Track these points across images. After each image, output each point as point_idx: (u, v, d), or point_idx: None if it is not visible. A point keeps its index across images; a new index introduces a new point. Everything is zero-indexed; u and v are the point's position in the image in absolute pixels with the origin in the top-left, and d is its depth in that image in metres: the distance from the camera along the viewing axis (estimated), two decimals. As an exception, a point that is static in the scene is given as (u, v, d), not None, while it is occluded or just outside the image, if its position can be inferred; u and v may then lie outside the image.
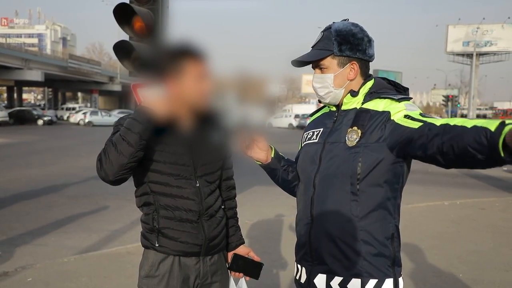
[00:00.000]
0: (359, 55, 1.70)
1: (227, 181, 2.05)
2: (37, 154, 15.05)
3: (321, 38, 1.73)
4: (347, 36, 1.68)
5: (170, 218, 1.81)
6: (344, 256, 1.65)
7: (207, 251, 1.87)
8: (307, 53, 1.76)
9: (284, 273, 4.25)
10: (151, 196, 1.83)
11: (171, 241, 1.81)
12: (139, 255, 1.93)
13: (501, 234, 5.81)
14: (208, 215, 1.87)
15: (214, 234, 1.88)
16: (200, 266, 1.87)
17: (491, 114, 77.39)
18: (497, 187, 9.83)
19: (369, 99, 1.69)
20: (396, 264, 1.67)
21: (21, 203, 7.58)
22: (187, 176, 1.82)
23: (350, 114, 1.70)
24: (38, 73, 40.61)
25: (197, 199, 1.83)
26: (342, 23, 1.74)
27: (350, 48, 1.68)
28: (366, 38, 1.72)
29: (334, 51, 1.68)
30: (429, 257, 4.76)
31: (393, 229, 1.66)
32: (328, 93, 1.73)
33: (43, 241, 5.45)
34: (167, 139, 1.80)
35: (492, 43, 57.82)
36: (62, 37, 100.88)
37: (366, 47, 1.71)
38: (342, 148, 1.65)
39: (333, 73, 1.71)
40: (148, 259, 1.85)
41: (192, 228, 1.82)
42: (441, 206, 7.27)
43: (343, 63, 1.70)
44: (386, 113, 1.61)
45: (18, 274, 4.17)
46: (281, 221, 6.26)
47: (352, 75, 1.71)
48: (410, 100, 1.66)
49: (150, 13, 4.07)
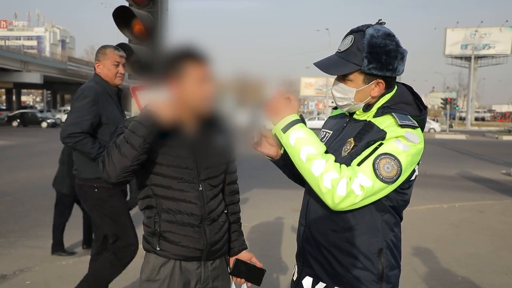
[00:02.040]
0: (388, 74, 1.58)
1: (230, 186, 2.03)
2: (36, 157, 15.02)
3: (351, 45, 1.58)
4: (380, 55, 1.55)
5: (171, 222, 1.80)
6: (329, 264, 1.65)
7: (208, 256, 1.86)
8: (332, 59, 1.64)
9: (283, 276, 4.24)
10: (153, 199, 1.82)
11: (172, 245, 1.80)
12: (138, 258, 1.93)
13: (500, 237, 5.81)
14: (210, 220, 1.85)
15: (216, 239, 1.87)
16: (201, 271, 1.86)
17: (490, 117, 77.56)
18: (496, 190, 9.83)
19: (381, 113, 1.61)
20: (385, 281, 1.62)
21: (19, 206, 7.56)
22: (190, 180, 1.81)
23: (358, 126, 1.65)
24: (37, 76, 40.60)
25: (200, 203, 1.82)
26: (377, 32, 1.57)
27: (380, 68, 1.56)
28: (400, 55, 1.58)
29: (362, 67, 1.56)
30: (428, 260, 4.75)
31: (381, 245, 1.61)
32: (347, 105, 1.66)
33: (41, 243, 5.42)
34: (170, 142, 1.79)
35: (490, 46, 58.04)
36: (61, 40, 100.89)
37: (397, 64, 1.58)
38: (338, 157, 1.62)
39: (356, 88, 1.61)
40: (149, 263, 1.84)
41: (194, 233, 1.81)
42: (440, 209, 7.26)
43: (369, 80, 1.60)
44: (382, 133, 1.54)
45: (16, 277, 4.15)
46: (280, 224, 6.25)
47: (376, 92, 1.62)
48: (416, 129, 1.55)
49: (149, 15, 4.07)
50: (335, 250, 1.63)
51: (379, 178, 1.49)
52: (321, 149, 1.57)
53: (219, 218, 1.90)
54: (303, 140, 1.56)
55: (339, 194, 1.49)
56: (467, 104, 58.34)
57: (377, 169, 1.49)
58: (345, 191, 1.49)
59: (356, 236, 1.60)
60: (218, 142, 1.88)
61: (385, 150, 1.52)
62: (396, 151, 1.51)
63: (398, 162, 1.50)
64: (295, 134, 1.57)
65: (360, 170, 1.51)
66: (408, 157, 1.52)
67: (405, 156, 1.52)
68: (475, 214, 7.10)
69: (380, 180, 1.50)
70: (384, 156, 1.50)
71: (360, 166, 1.52)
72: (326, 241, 1.65)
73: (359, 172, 1.51)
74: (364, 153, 1.54)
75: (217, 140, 1.88)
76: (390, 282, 1.64)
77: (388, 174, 1.50)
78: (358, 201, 1.50)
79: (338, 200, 1.50)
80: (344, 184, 1.49)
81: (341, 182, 1.49)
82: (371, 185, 1.49)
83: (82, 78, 49.36)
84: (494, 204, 7.96)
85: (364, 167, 1.51)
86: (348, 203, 1.51)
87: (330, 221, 1.62)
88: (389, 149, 1.52)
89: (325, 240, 1.65)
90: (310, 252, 1.71)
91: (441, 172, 11.04)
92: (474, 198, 8.70)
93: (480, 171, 12.87)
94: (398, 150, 1.51)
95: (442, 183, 10.46)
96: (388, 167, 1.50)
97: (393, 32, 1.61)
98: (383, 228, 1.61)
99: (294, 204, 7.22)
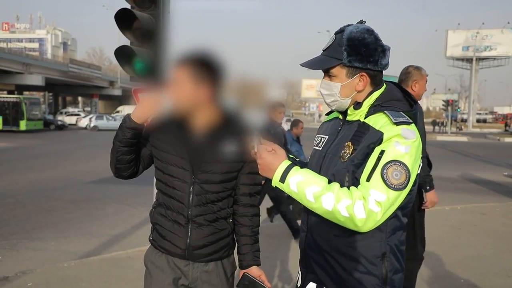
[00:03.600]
0: (370, 66, 1.62)
1: (245, 197, 1.95)
2: (37, 158, 15.05)
3: (332, 43, 1.66)
4: (359, 47, 1.60)
5: (162, 216, 1.92)
6: (332, 269, 1.64)
7: (191, 257, 1.89)
8: (317, 57, 1.70)
9: (284, 279, 4.24)
10: (158, 192, 1.97)
11: (159, 237, 1.92)
12: (139, 260, 1.95)
13: (502, 239, 5.80)
14: (197, 223, 1.87)
15: (202, 243, 1.88)
16: (190, 270, 1.90)
17: (491, 119, 77.44)
18: (498, 192, 9.82)
19: (373, 112, 1.63)
20: (389, 285, 1.61)
21: (21, 208, 7.57)
22: (184, 180, 1.86)
23: (353, 127, 1.65)
24: (39, 78, 40.66)
25: (186, 204, 1.86)
26: (356, 28, 1.63)
27: (360, 59, 1.60)
28: (380, 48, 1.62)
29: (343, 61, 1.61)
30: (429, 262, 4.74)
31: (385, 248, 1.60)
32: (334, 101, 1.69)
33: (43, 245, 5.43)
34: (173, 140, 1.86)
35: (492, 48, 58.00)
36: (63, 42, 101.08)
37: (379, 57, 1.62)
38: (337, 162, 1.62)
39: (340, 82, 1.65)
40: (148, 251, 2.00)
41: (178, 231, 1.88)
42: (442, 211, 7.25)
43: (352, 73, 1.63)
44: (379, 134, 1.55)
45: (18, 279, 4.16)
46: (282, 226, 6.25)
47: (361, 86, 1.64)
48: (411, 125, 1.56)
49: (151, 18, 4.08)
50: (338, 255, 1.62)
51: (391, 188, 1.50)
52: (323, 183, 1.56)
53: (212, 223, 1.89)
54: (304, 182, 1.56)
55: (359, 218, 1.49)
56: (469, 106, 58.32)
57: (387, 180, 1.50)
58: (364, 212, 1.49)
59: (359, 241, 1.59)
60: (224, 148, 1.87)
61: (388, 158, 1.52)
62: (399, 155, 1.52)
63: (404, 166, 1.51)
64: (294, 180, 1.57)
65: (371, 185, 1.51)
66: (411, 157, 1.53)
67: (408, 158, 1.52)
68: (476, 216, 7.09)
69: (393, 190, 1.50)
70: (390, 164, 1.51)
71: (370, 181, 1.52)
72: (329, 246, 1.64)
73: (370, 189, 1.51)
74: (369, 165, 1.54)
75: (223, 146, 1.87)
76: (394, 286, 1.63)
77: (398, 181, 1.51)
78: (380, 218, 1.51)
79: (360, 223, 1.50)
80: (360, 207, 1.49)
81: (356, 206, 1.50)
82: (386, 197, 1.50)
83: (83, 80, 49.54)
84: (496, 206, 7.95)
85: (374, 181, 1.51)
86: (371, 223, 1.51)
87: (332, 227, 1.61)
88: (392, 155, 1.52)
89: (327, 245, 1.65)
90: (313, 257, 1.70)
91: (443, 174, 11.00)
92: (476, 200, 8.69)
93: (481, 173, 12.87)
94: (400, 154, 1.52)
95: (444, 185, 10.44)
96: (396, 174, 1.51)
97: (372, 28, 1.66)
98: (386, 232, 1.60)
99: (296, 206, 7.22)
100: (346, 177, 1.58)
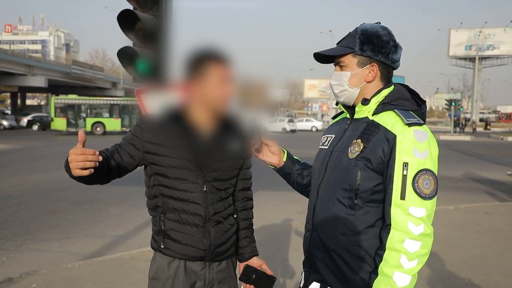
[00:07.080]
0: (381, 57, 1.65)
1: (243, 192, 2.01)
2: (41, 160, 15.09)
3: (347, 35, 1.71)
4: (372, 37, 1.64)
5: (176, 221, 1.82)
6: (338, 269, 1.64)
7: (212, 257, 1.86)
8: (330, 48, 1.73)
9: (288, 278, 4.24)
10: (160, 198, 1.85)
11: (175, 244, 1.82)
12: (143, 261, 1.94)
13: (506, 239, 5.78)
14: (215, 221, 1.85)
15: (221, 241, 1.87)
16: (206, 272, 1.86)
17: (494, 118, 77.21)
18: (502, 191, 9.78)
19: (381, 109, 1.64)
20: None
21: (25, 209, 7.59)
22: (194, 180, 1.81)
23: (361, 125, 1.66)
24: (42, 79, 40.83)
25: (203, 203, 1.83)
26: (371, 24, 1.69)
27: (372, 49, 1.64)
28: (392, 42, 1.66)
29: (355, 49, 1.65)
30: (434, 262, 4.73)
31: None
32: (343, 91, 1.69)
33: (47, 246, 5.45)
34: (173, 143, 1.80)
35: (495, 47, 57.79)
36: (65, 43, 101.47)
37: (390, 51, 1.65)
38: (345, 159, 1.62)
39: (350, 71, 1.67)
40: (155, 261, 1.87)
41: (198, 233, 1.82)
42: (446, 211, 7.24)
43: (363, 63, 1.66)
44: (392, 136, 1.55)
45: (22, 280, 4.17)
46: (285, 226, 6.25)
47: (371, 77, 1.66)
48: (422, 126, 1.57)
49: (153, 19, 4.09)
50: (344, 253, 1.62)
51: (426, 198, 1.51)
52: (384, 265, 1.52)
53: (225, 220, 1.89)
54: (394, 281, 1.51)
55: (413, 251, 1.49)
56: (472, 105, 58.15)
57: (421, 192, 1.51)
58: (417, 243, 1.49)
59: (366, 240, 1.59)
60: (230, 145, 1.88)
61: (414, 170, 1.52)
62: (421, 162, 1.53)
63: (430, 172, 1.53)
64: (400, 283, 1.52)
65: (408, 203, 1.51)
66: (431, 160, 1.55)
67: (429, 161, 1.54)
68: (480, 215, 7.07)
69: (428, 199, 1.52)
70: (418, 175, 1.52)
71: (405, 199, 1.52)
72: (336, 244, 1.64)
73: (409, 207, 1.51)
74: (397, 181, 1.53)
75: (229, 144, 1.88)
76: None
77: (430, 189, 1.52)
78: (429, 230, 1.52)
79: (425, 249, 1.51)
80: (410, 240, 1.49)
81: (406, 242, 1.49)
82: (425, 209, 1.51)
83: (86, 82, 49.64)
84: (500, 206, 7.93)
85: (409, 198, 1.51)
86: (429, 240, 1.52)
87: (340, 224, 1.61)
88: (416, 166, 1.52)
89: (334, 243, 1.64)
90: (318, 256, 1.70)
91: (446, 173, 10.97)
92: (480, 199, 8.67)
93: (485, 172, 12.82)
94: (422, 161, 1.53)
95: (447, 184, 10.41)
96: (426, 183, 1.52)
97: (387, 27, 1.70)
98: None
99: (299, 206, 7.22)
100: (358, 173, 1.58)
